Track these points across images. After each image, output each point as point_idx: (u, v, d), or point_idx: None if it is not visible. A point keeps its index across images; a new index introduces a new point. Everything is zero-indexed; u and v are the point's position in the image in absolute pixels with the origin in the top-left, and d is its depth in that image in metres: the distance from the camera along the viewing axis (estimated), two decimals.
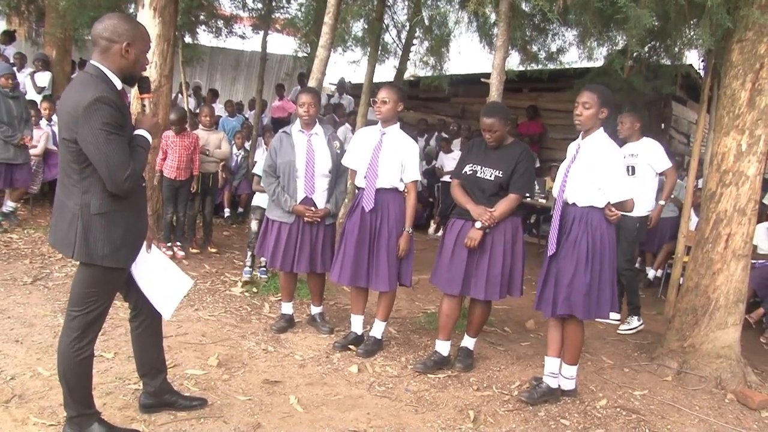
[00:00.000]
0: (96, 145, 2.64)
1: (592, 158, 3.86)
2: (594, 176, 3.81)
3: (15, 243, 6.50)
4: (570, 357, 4.07)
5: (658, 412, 4.11)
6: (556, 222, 3.95)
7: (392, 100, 4.39)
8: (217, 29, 10.21)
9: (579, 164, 3.91)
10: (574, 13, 5.26)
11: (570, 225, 3.88)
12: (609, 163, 3.81)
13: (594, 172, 3.82)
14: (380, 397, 3.89)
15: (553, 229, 3.96)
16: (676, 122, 11.16)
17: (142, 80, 3.04)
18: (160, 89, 6.54)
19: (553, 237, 3.95)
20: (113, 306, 3.01)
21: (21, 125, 6.87)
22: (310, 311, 5.05)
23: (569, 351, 4.06)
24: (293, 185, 4.62)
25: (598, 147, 3.88)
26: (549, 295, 3.94)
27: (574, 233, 3.85)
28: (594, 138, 3.91)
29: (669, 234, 7.32)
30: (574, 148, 4.02)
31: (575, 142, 4.06)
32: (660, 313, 6.47)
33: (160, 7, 6.28)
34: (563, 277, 3.85)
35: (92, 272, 2.81)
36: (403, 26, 9.03)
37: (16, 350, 3.94)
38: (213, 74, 15.38)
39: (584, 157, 3.90)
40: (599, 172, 3.80)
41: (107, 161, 2.66)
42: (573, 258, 3.82)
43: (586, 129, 3.92)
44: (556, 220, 3.96)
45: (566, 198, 3.93)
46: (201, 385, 3.73)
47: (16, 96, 6.97)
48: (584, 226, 3.83)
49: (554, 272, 3.93)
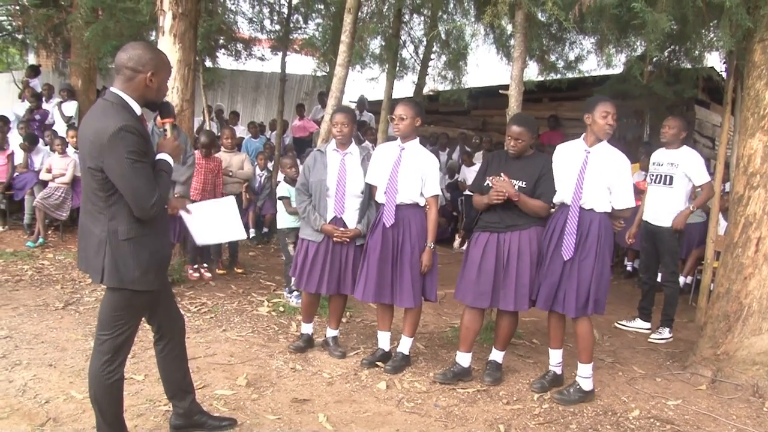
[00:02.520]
0: (122, 174, 2.69)
1: (604, 165, 4.08)
2: (608, 182, 4.04)
3: (46, 269, 6.62)
4: (585, 355, 4.18)
5: (693, 422, 4.03)
6: (573, 227, 4.04)
7: (409, 115, 4.40)
8: (237, 52, 10.36)
9: (593, 170, 4.07)
10: (591, 20, 5.25)
11: (587, 228, 4.04)
12: (619, 170, 4.07)
13: (607, 178, 4.05)
14: (409, 413, 3.87)
15: (570, 234, 4.05)
16: (699, 126, 11.04)
17: (165, 105, 3.10)
18: (182, 113, 6.62)
19: (570, 242, 4.04)
20: (142, 329, 3.05)
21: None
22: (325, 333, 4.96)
23: (584, 349, 4.18)
24: (323, 204, 4.61)
25: (609, 154, 4.12)
26: (570, 297, 4.06)
27: (593, 237, 4.03)
28: (603, 145, 4.14)
29: (697, 240, 7.21)
30: (581, 155, 4.15)
31: (574, 147, 4.22)
32: (691, 320, 6.37)
33: (180, 33, 6.39)
34: (587, 278, 4.02)
35: (121, 296, 2.85)
36: (420, 41, 9.08)
37: (49, 374, 4.00)
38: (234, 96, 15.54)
39: (597, 164, 4.08)
40: (611, 178, 4.04)
41: (134, 189, 2.71)
42: (597, 260, 4.02)
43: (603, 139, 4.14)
44: (572, 225, 4.04)
45: (583, 203, 4.06)
46: (230, 405, 3.75)
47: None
48: (604, 230, 4.05)
49: (573, 274, 4.04)
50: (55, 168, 7.81)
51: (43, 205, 7.58)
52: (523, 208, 4.17)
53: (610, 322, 6.05)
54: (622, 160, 4.09)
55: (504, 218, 4.22)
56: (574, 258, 4.04)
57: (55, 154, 8.01)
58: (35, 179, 8.00)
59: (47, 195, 7.65)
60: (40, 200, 7.59)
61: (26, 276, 6.33)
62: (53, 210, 7.66)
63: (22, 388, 3.76)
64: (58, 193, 7.69)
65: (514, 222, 4.20)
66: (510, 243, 4.20)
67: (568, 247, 4.03)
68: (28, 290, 5.86)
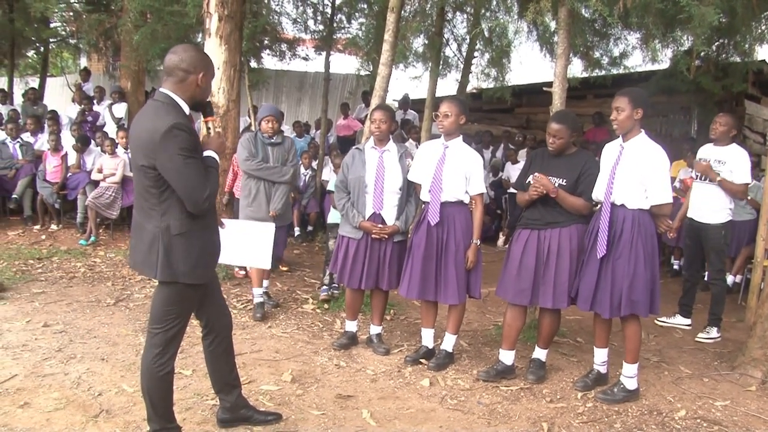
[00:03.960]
0: (175, 170, 2.78)
1: (637, 159, 3.97)
2: (641, 177, 3.93)
3: (98, 266, 6.83)
4: (631, 356, 4.13)
5: (742, 423, 3.94)
6: (605, 224, 3.99)
7: (454, 113, 4.41)
8: (281, 53, 10.47)
9: (624, 165, 3.99)
10: (636, 15, 5.17)
11: (621, 226, 3.97)
12: (654, 164, 3.94)
13: (640, 172, 3.93)
14: (452, 410, 3.89)
15: (602, 231, 4.00)
16: (750, 121, 10.75)
17: (208, 105, 3.21)
18: (228, 113, 6.75)
19: (603, 239, 3.99)
20: (190, 325, 3.14)
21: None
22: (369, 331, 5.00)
23: (630, 349, 4.12)
24: (362, 201, 4.66)
25: (643, 148, 4.00)
26: (604, 296, 4.00)
27: (627, 234, 3.95)
28: (637, 140, 4.02)
29: (747, 238, 7.04)
30: (617, 151, 4.08)
31: (614, 144, 4.16)
32: (741, 320, 6.23)
33: (226, 34, 6.51)
34: (621, 278, 3.95)
35: (172, 290, 2.94)
36: (463, 39, 9.07)
37: (102, 368, 4.13)
38: (279, 96, 15.70)
39: (629, 159, 3.99)
40: (645, 172, 3.92)
41: (187, 184, 2.80)
42: (630, 259, 3.93)
43: (625, 132, 4.05)
44: (605, 222, 4.00)
45: (614, 200, 4.00)
46: (276, 401, 3.82)
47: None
48: (638, 227, 3.95)
49: (608, 274, 3.99)
50: (106, 168, 8.04)
51: (95, 205, 7.81)
52: (563, 204, 4.15)
53: (654, 321, 5.96)
54: (657, 153, 3.96)
55: (545, 215, 4.21)
56: (609, 257, 3.98)
57: (106, 155, 8.25)
58: (87, 179, 8.25)
59: (98, 194, 7.88)
60: (91, 200, 7.83)
61: (79, 273, 6.54)
62: (104, 209, 7.89)
63: (76, 381, 3.90)
64: (109, 192, 7.91)
65: (554, 219, 4.19)
66: (550, 240, 4.19)
67: (602, 244, 3.98)
68: (81, 287, 6.06)
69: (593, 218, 4.16)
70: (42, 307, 5.35)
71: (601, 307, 4.04)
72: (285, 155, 5.55)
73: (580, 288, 4.12)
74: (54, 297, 5.66)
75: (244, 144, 5.49)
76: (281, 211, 5.49)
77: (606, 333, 4.27)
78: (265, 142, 5.51)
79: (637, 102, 3.98)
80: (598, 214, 4.11)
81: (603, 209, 4.03)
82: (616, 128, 4.05)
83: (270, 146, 5.52)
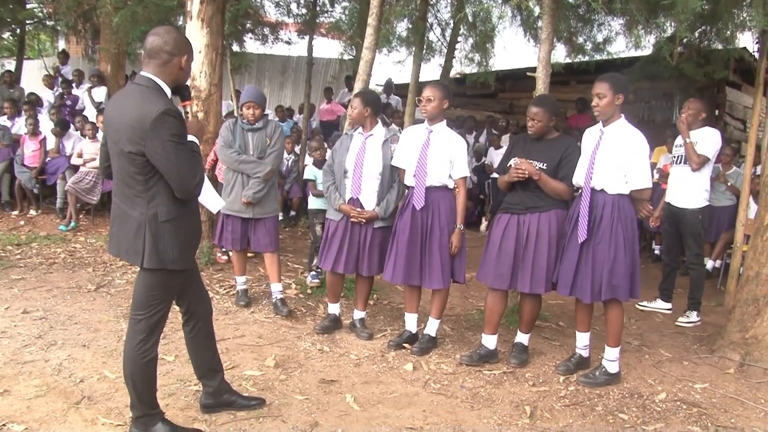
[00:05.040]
0: (166, 157, 2.74)
1: (617, 144, 3.98)
2: (621, 162, 3.94)
3: (78, 252, 6.76)
4: (613, 339, 4.18)
5: (720, 405, 4.00)
6: (585, 209, 4.00)
7: (437, 97, 4.40)
8: (264, 36, 10.36)
9: (604, 150, 4.00)
10: (619, 1, 5.18)
11: (601, 211, 3.99)
12: (633, 148, 3.95)
13: (620, 157, 3.94)
14: (436, 394, 3.91)
15: (583, 216, 4.01)
16: (730, 108, 10.85)
17: (185, 88, 3.15)
18: (210, 98, 6.67)
19: (583, 224, 4.00)
20: (172, 311, 3.11)
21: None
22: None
23: (612, 333, 4.17)
24: (343, 185, 4.68)
25: (623, 133, 4.01)
26: (585, 281, 4.02)
27: (607, 219, 3.97)
28: (617, 125, 4.03)
29: (727, 223, 7.12)
30: (596, 136, 4.09)
31: (594, 129, 4.17)
32: (719, 304, 6.31)
33: (208, 17, 6.42)
34: (602, 262, 3.97)
35: (158, 276, 2.91)
36: (447, 24, 9.05)
37: (83, 354, 4.10)
38: (261, 81, 15.58)
39: (609, 143, 4.00)
40: (624, 157, 3.93)
41: (179, 170, 2.76)
42: (611, 244, 3.95)
43: (606, 118, 4.04)
44: (585, 207, 4.01)
45: (594, 185, 4.01)
46: (259, 386, 3.81)
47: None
48: (618, 212, 3.96)
49: (589, 259, 4.01)
50: (86, 153, 7.93)
51: (75, 190, 7.72)
52: (545, 188, 4.16)
53: (635, 305, 6.02)
54: (637, 138, 3.97)
55: (525, 200, 4.22)
56: (589, 242, 4.00)
57: (86, 139, 8.15)
58: (67, 164, 8.16)
59: (78, 179, 7.79)
60: (71, 185, 7.73)
61: (59, 259, 6.48)
62: (84, 194, 7.80)
63: (57, 368, 3.87)
64: (89, 177, 7.82)
65: (534, 204, 4.20)
66: (529, 225, 4.20)
67: (582, 229, 3.99)
68: (61, 273, 5.99)
69: (573, 203, 4.17)
70: (21, 294, 5.28)
71: (581, 292, 4.06)
72: (266, 141, 5.28)
73: (560, 273, 4.14)
74: (33, 283, 5.60)
75: (222, 131, 5.31)
76: (255, 199, 5.11)
77: (588, 317, 4.31)
78: (245, 128, 5.25)
79: (617, 87, 3.98)
80: (578, 199, 4.12)
81: (583, 194, 4.05)
82: (598, 115, 4.05)
83: (250, 132, 5.24)
